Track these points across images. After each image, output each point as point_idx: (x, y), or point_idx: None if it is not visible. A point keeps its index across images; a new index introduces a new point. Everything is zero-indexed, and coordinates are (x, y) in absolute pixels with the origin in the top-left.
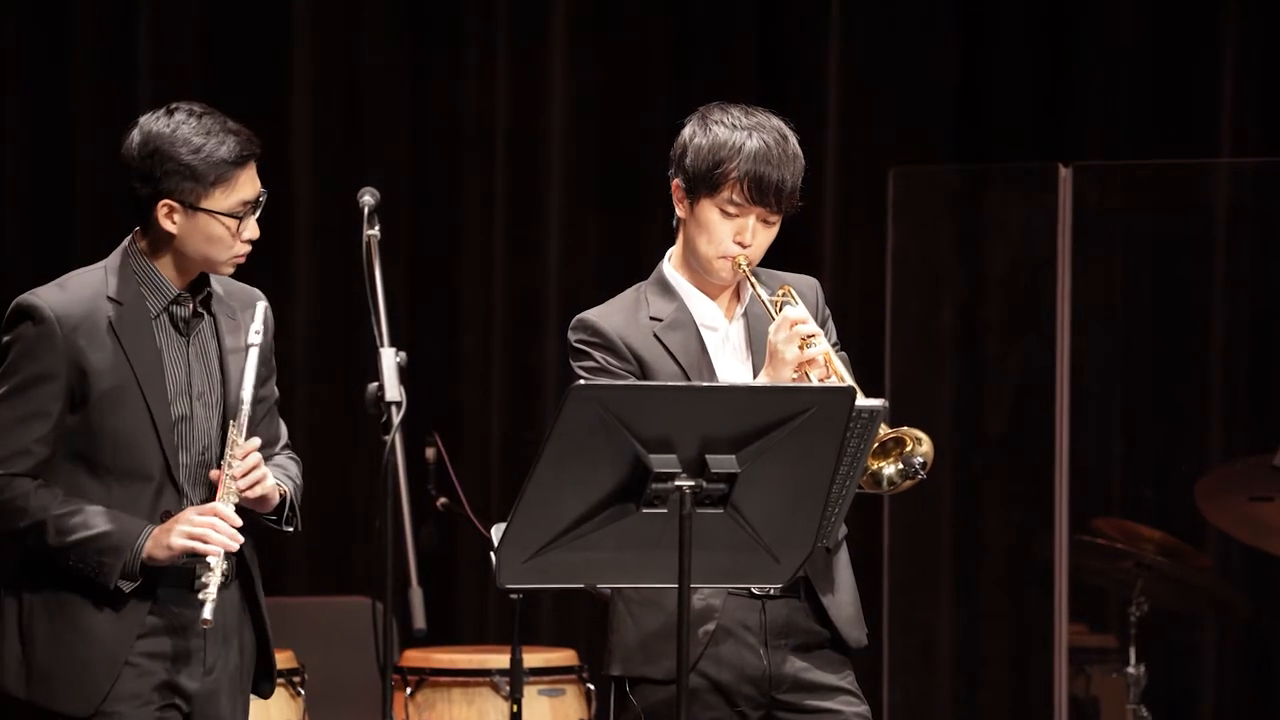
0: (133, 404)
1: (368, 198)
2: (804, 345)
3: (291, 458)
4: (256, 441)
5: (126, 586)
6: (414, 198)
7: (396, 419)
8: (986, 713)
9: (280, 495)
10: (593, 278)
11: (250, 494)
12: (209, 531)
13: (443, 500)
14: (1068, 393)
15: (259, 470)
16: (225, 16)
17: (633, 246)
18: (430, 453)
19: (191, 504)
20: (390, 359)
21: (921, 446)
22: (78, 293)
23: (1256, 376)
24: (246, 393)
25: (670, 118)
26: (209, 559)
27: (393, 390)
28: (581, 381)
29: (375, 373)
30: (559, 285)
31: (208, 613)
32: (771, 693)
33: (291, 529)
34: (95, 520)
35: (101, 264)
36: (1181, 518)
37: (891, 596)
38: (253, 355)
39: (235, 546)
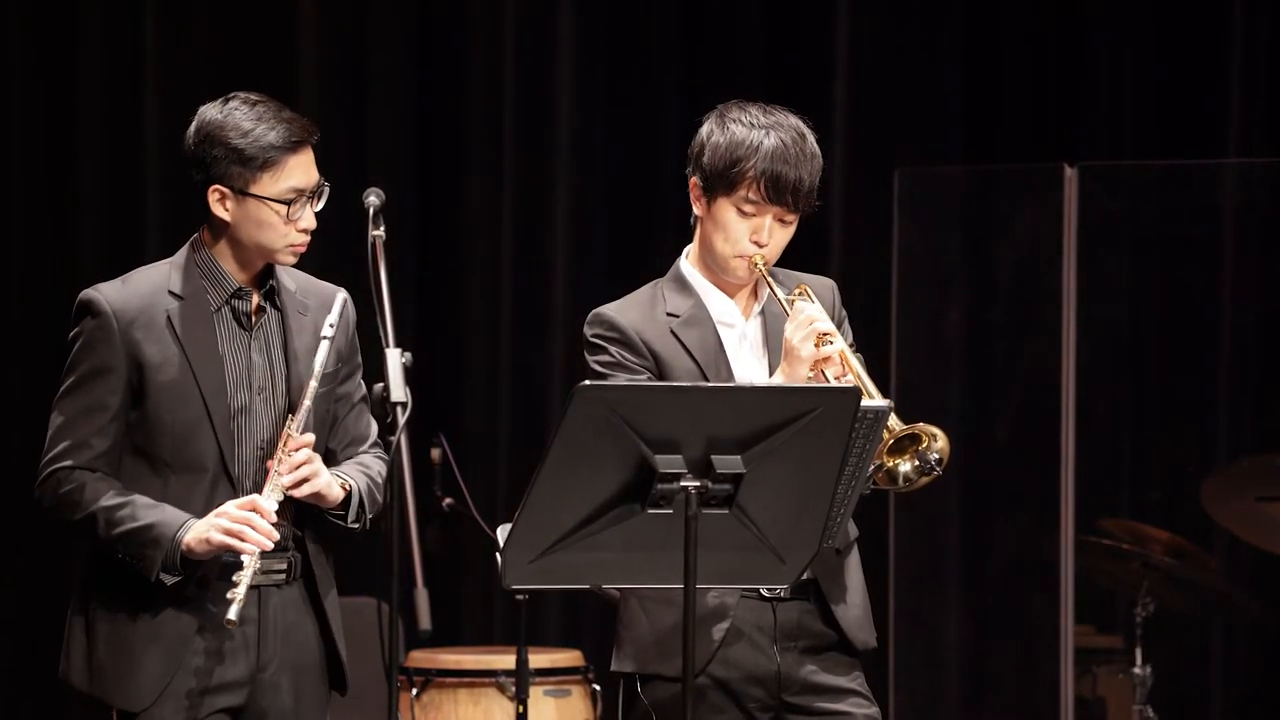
0: (189, 397)
1: (373, 198)
2: (820, 343)
3: (379, 456)
4: (310, 438)
5: (168, 580)
6: (420, 198)
7: (402, 420)
8: (992, 714)
9: (345, 490)
10: (600, 278)
11: (297, 492)
12: (245, 529)
13: (448, 501)
14: (1074, 393)
15: (309, 467)
16: (231, 16)
17: (640, 247)
18: (436, 453)
19: (247, 492)
20: (396, 360)
21: (937, 442)
22: (138, 287)
23: (1264, 376)
24: (310, 385)
25: (678, 119)
26: (243, 557)
27: (398, 391)
28: (587, 382)
29: (381, 374)
30: (565, 286)
31: (232, 613)
32: (781, 695)
33: (358, 526)
34: (142, 513)
35: (168, 259)
36: (1188, 518)
37: (898, 597)
38: (323, 348)
39: (269, 545)
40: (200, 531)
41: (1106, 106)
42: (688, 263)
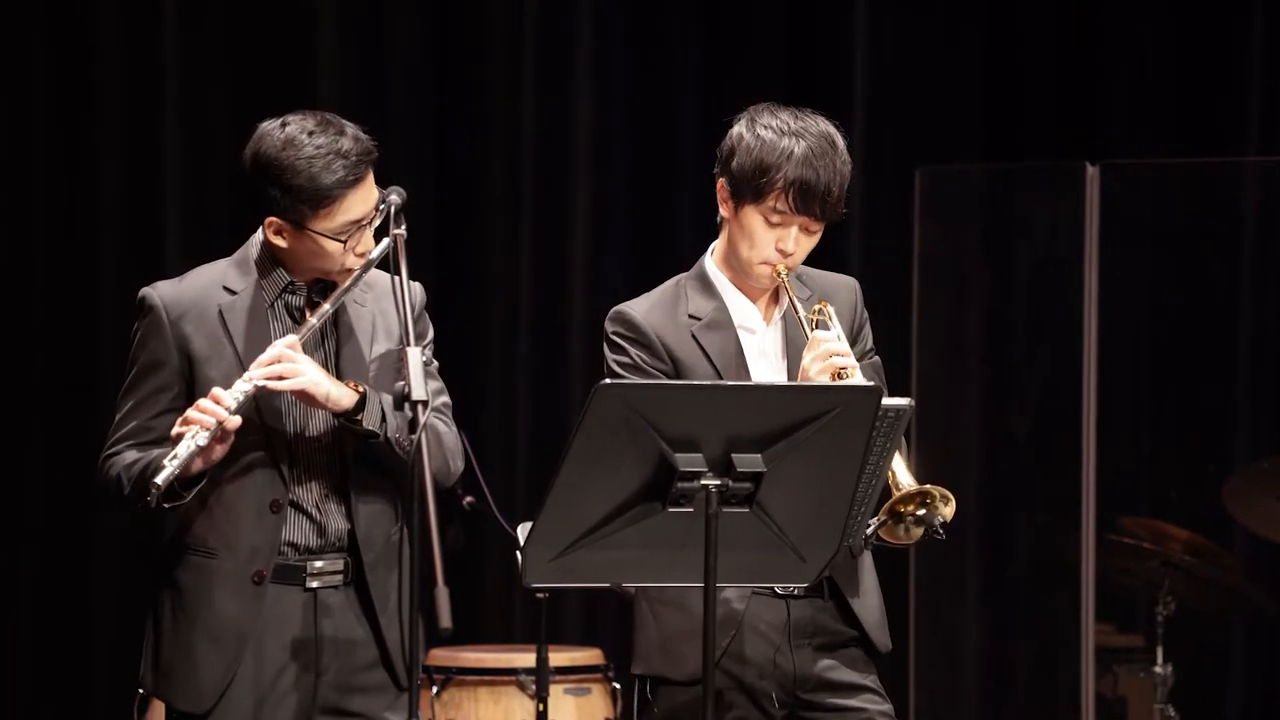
0: None
1: (394, 197)
2: (836, 377)
3: (439, 417)
4: (294, 339)
5: (168, 504)
6: (440, 197)
7: (423, 418)
8: (1013, 713)
9: (359, 392)
10: (619, 277)
11: (278, 385)
12: (192, 412)
13: (469, 499)
14: (1095, 392)
15: (284, 365)
16: (251, 15)
17: (658, 245)
18: None
19: (300, 487)
20: (416, 358)
21: (946, 507)
22: (193, 283)
23: None
24: (324, 308)
25: (696, 120)
26: (185, 432)
27: (419, 389)
28: (607, 381)
29: (401, 371)
30: (585, 285)
31: (160, 478)
32: (795, 692)
33: (379, 437)
34: (148, 454)
35: (227, 258)
36: (1209, 517)
37: (918, 596)
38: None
39: (212, 422)
40: None
41: (1128, 104)
42: (712, 261)
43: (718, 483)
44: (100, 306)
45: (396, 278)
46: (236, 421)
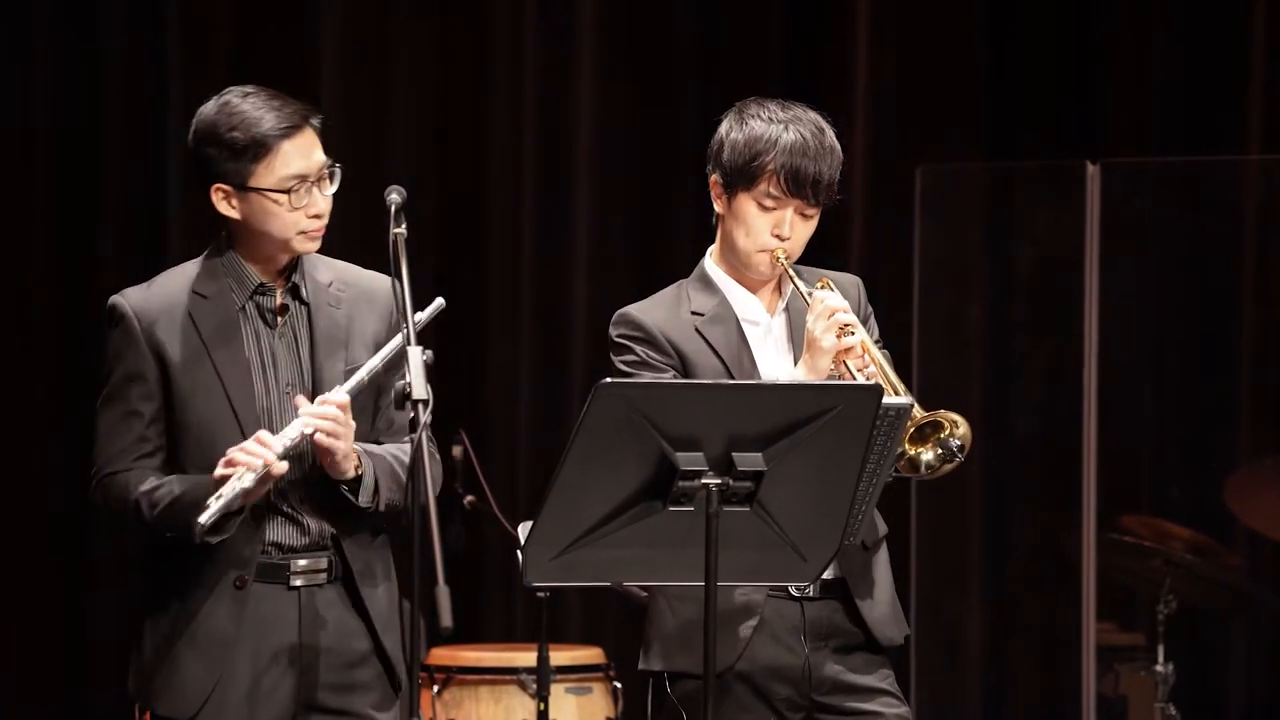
0: (214, 395)
1: (395, 196)
2: (841, 334)
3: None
4: (345, 398)
5: (213, 539)
6: (441, 195)
7: (424, 417)
8: (1014, 711)
9: (357, 473)
10: (620, 275)
11: (322, 441)
12: (238, 454)
13: (470, 498)
14: (1096, 390)
15: (336, 426)
16: (251, 16)
17: (659, 244)
18: (457, 451)
19: (281, 490)
20: (417, 357)
21: (959, 429)
22: (163, 288)
23: None
24: (364, 370)
25: (698, 118)
26: (231, 475)
27: (420, 388)
28: (608, 380)
29: (402, 370)
30: (586, 283)
31: (203, 518)
32: (811, 695)
33: (367, 505)
34: (177, 486)
35: (195, 260)
36: (1210, 515)
37: (919, 594)
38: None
39: (259, 464)
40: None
41: (1129, 104)
42: (711, 261)
43: (718, 481)
44: (99, 307)
45: (396, 280)
46: (283, 468)
